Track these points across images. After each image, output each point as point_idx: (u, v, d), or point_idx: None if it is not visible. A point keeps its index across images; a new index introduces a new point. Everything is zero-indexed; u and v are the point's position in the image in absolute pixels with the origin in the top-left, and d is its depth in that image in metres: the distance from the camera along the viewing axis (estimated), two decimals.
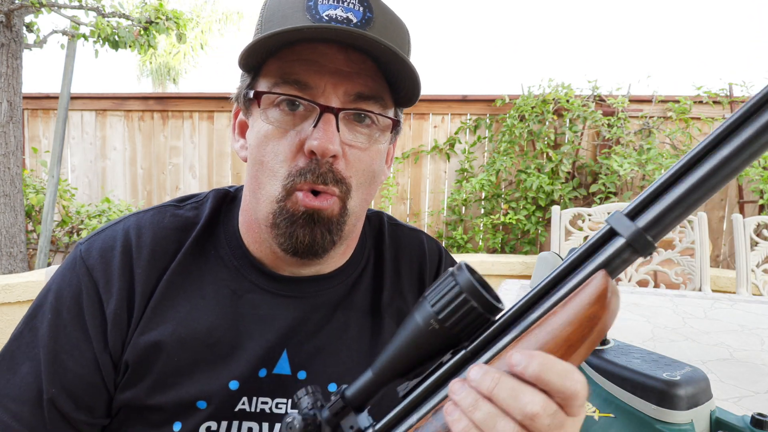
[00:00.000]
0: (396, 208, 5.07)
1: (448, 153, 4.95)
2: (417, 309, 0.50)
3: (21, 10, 3.75)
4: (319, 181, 0.67)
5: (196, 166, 5.40)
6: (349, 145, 0.69)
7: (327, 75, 0.66)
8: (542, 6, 59.35)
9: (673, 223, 0.43)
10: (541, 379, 0.42)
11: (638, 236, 0.43)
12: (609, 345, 0.82)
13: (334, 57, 0.67)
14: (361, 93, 0.68)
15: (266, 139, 0.69)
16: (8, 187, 3.85)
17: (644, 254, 0.44)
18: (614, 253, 0.44)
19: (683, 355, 1.36)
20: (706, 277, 2.61)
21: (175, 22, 4.16)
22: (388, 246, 0.88)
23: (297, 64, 0.67)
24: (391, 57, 0.65)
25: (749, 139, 0.39)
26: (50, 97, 5.42)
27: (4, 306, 2.87)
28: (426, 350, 0.50)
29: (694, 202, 0.42)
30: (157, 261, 0.74)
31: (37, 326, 0.72)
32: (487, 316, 0.48)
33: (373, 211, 0.92)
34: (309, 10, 0.66)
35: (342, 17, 0.65)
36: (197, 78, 31.24)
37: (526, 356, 0.43)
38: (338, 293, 0.80)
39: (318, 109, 0.67)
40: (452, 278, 0.49)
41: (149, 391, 0.70)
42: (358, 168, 0.71)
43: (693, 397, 0.69)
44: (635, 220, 0.44)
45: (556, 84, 4.67)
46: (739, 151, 0.40)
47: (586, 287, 0.45)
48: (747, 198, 4.32)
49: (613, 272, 0.45)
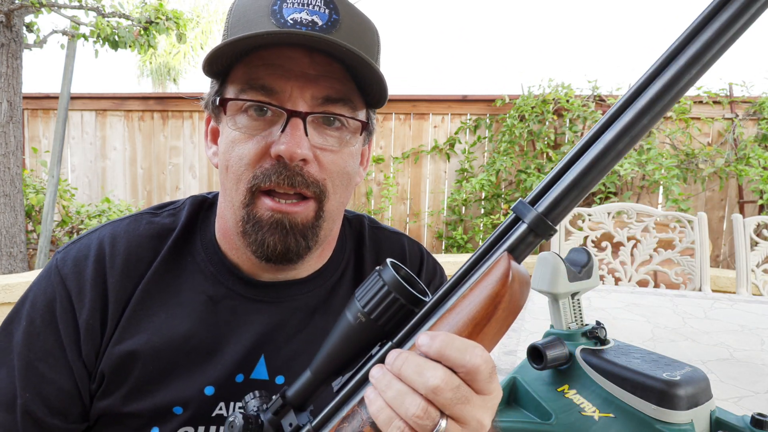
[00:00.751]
0: (396, 208, 5.07)
1: (448, 153, 4.95)
2: (348, 306, 0.53)
3: (21, 10, 3.75)
4: (286, 183, 0.66)
5: (196, 166, 5.40)
6: (320, 149, 0.69)
7: (293, 79, 0.66)
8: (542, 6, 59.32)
9: (570, 206, 0.47)
10: (443, 355, 0.45)
11: (539, 221, 0.47)
12: (609, 345, 0.82)
13: (299, 61, 0.66)
14: (329, 96, 0.68)
15: (233, 144, 0.69)
16: (8, 187, 3.85)
17: (545, 237, 0.47)
18: (518, 238, 0.48)
19: (683, 355, 1.36)
20: (706, 277, 2.61)
21: (175, 22, 4.16)
22: (368, 249, 0.87)
23: (262, 69, 0.66)
24: (356, 61, 0.65)
25: (628, 124, 0.44)
26: (50, 97, 5.43)
27: (4, 306, 2.87)
28: (356, 345, 0.52)
29: (586, 185, 0.46)
30: (131, 270, 0.73)
31: (12, 332, 0.72)
32: (411, 309, 0.50)
33: (355, 213, 0.92)
34: (274, 14, 0.65)
35: (307, 20, 0.65)
36: (197, 78, 31.27)
37: (429, 336, 0.46)
38: (316, 297, 0.80)
39: (285, 113, 0.66)
40: (378, 275, 0.52)
41: (125, 400, 0.70)
42: (332, 170, 0.70)
43: (693, 397, 0.69)
44: (536, 206, 0.47)
45: (556, 84, 4.67)
46: (621, 136, 0.44)
47: (491, 270, 0.48)
48: (747, 198, 4.32)
49: (519, 256, 0.48)
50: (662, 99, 0.43)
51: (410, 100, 4.98)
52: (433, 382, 0.44)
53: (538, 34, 58.43)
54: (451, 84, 61.40)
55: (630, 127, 0.44)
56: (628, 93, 0.45)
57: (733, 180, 4.32)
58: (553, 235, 0.48)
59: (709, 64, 0.42)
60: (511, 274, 0.47)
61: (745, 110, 4.30)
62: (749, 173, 3.92)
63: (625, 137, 0.44)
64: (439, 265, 0.96)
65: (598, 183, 0.46)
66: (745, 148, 4.11)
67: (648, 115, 0.44)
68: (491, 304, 0.47)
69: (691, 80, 0.42)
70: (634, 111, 0.44)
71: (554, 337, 0.81)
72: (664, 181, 4.01)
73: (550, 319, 0.86)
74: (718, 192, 4.40)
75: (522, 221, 0.48)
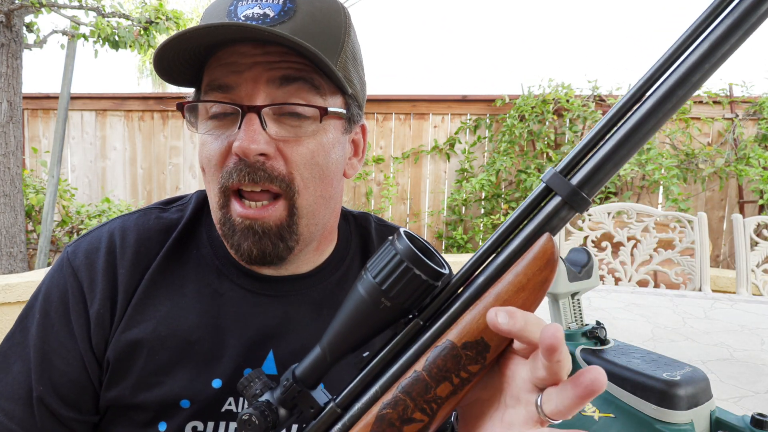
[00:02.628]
0: (396, 208, 5.07)
1: (448, 153, 4.95)
2: (359, 279, 0.50)
3: (21, 10, 3.75)
4: (248, 179, 0.65)
5: (196, 166, 5.40)
6: (283, 141, 0.66)
7: (246, 70, 0.65)
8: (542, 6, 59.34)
9: (605, 179, 0.45)
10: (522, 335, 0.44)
11: (574, 193, 0.45)
12: (609, 345, 0.82)
13: (250, 53, 0.65)
14: (287, 75, 0.65)
15: (203, 146, 0.69)
16: (8, 187, 3.85)
17: (580, 210, 0.45)
18: (552, 212, 0.46)
19: (683, 355, 1.36)
20: (706, 277, 2.61)
21: (175, 22, 4.16)
22: (375, 245, 0.87)
23: (219, 69, 0.66)
24: (302, 50, 0.62)
25: (669, 90, 0.42)
26: (50, 97, 5.43)
27: (4, 306, 2.87)
28: (375, 325, 0.50)
29: (623, 156, 0.44)
30: (140, 261, 0.74)
31: (27, 327, 0.73)
32: (432, 283, 0.48)
33: (361, 212, 0.92)
34: (229, 14, 0.65)
35: (258, 14, 0.64)
36: None
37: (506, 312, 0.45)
38: (323, 292, 0.80)
39: (240, 110, 0.65)
40: (392, 247, 0.49)
41: (133, 390, 0.71)
42: (298, 162, 0.67)
43: (693, 397, 0.69)
44: (569, 177, 0.45)
45: (556, 84, 4.67)
46: (662, 103, 0.42)
47: (533, 250, 0.46)
48: (747, 198, 4.32)
49: (553, 231, 0.47)
50: (709, 60, 0.41)
51: (410, 100, 4.98)
52: None
53: (538, 34, 58.45)
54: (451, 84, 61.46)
55: (672, 91, 0.42)
56: (665, 55, 0.43)
57: (733, 180, 4.31)
58: (588, 209, 0.46)
59: None
60: (557, 256, 0.46)
61: (745, 110, 4.30)
62: (749, 173, 3.92)
63: (666, 104, 0.42)
64: (447, 261, 0.95)
65: (634, 153, 0.44)
66: (745, 148, 4.11)
67: (695, 75, 0.41)
68: (541, 289, 0.46)
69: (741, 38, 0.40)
70: (679, 74, 0.42)
71: None
72: (664, 181, 4.01)
73: (550, 319, 0.86)
74: (718, 192, 4.40)
75: (555, 194, 0.46)
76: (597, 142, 0.45)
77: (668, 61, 0.43)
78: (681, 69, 0.42)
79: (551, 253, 0.46)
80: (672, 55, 0.43)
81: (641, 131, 0.43)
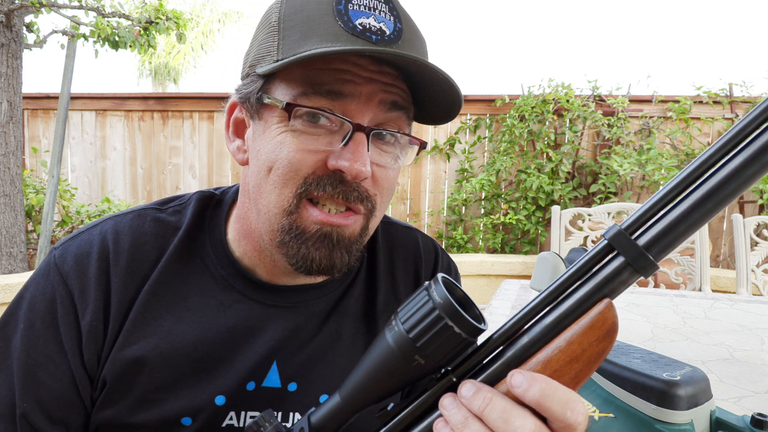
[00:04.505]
0: (396, 208, 5.07)
1: (448, 153, 4.95)
2: (388, 327, 0.46)
3: (21, 10, 3.75)
4: (341, 198, 0.63)
5: (196, 166, 5.40)
6: (376, 164, 0.65)
7: (363, 83, 0.61)
8: (542, 6, 59.37)
9: (677, 242, 0.40)
10: (541, 405, 0.40)
11: (640, 256, 0.40)
12: None
13: (367, 69, 0.61)
14: (396, 102, 0.64)
15: (281, 145, 0.63)
16: (8, 187, 3.85)
17: (646, 275, 0.41)
18: (613, 273, 0.41)
19: (683, 355, 1.36)
20: (706, 277, 2.61)
21: (175, 22, 4.16)
22: (381, 246, 0.84)
23: (327, 73, 0.61)
24: (427, 73, 0.61)
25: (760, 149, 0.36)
26: (50, 97, 5.42)
27: (3, 306, 2.87)
28: (403, 379, 0.46)
29: (701, 216, 0.39)
30: (135, 269, 0.69)
31: (9, 337, 0.67)
32: (468, 340, 0.44)
33: None
34: (340, 15, 0.60)
35: (376, 28, 0.61)
36: (197, 78, 31.28)
37: (528, 378, 0.41)
38: (330, 301, 0.77)
39: (349, 125, 0.61)
40: (428, 298, 0.44)
41: (131, 409, 0.67)
42: (383, 186, 0.67)
43: (693, 397, 0.69)
44: (635, 237, 0.41)
45: (556, 84, 4.67)
46: (753, 160, 0.37)
47: (590, 317, 0.42)
48: (747, 198, 4.32)
49: (613, 294, 0.42)
50: None
51: None
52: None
53: (538, 34, 58.46)
54: None
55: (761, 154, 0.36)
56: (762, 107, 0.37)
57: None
58: (653, 273, 0.41)
59: None
60: (617, 326, 0.41)
61: (745, 110, 4.30)
62: None
63: (758, 161, 0.37)
64: (453, 262, 0.91)
65: (716, 214, 0.39)
66: None
67: None
68: (596, 361, 0.41)
69: None
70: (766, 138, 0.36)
71: None
72: (664, 182, 4.01)
73: None
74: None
75: (618, 253, 0.41)
76: (671, 200, 0.40)
77: (761, 116, 0.37)
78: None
79: (612, 323, 0.41)
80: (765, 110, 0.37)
81: (725, 191, 0.38)
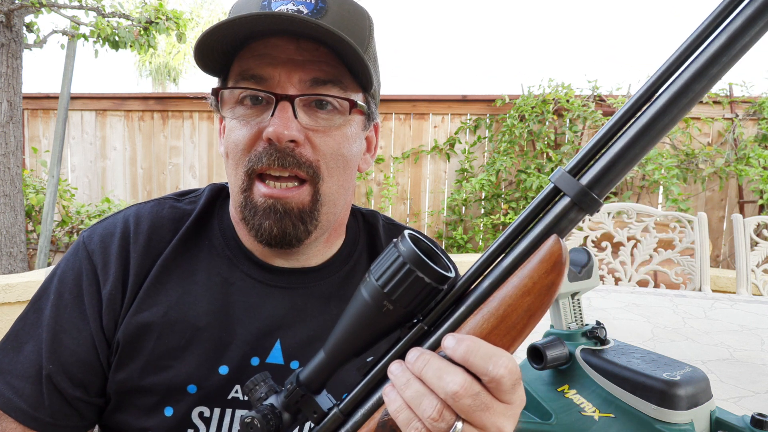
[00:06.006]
0: (396, 208, 5.07)
1: (448, 153, 4.95)
2: (362, 283, 0.50)
3: (21, 10, 3.75)
4: (277, 164, 0.68)
5: (196, 166, 5.40)
6: (312, 130, 0.70)
7: (280, 65, 0.68)
8: (542, 6, 59.31)
9: (617, 178, 0.43)
10: (467, 360, 0.44)
11: (584, 194, 0.43)
12: (609, 345, 0.82)
13: (285, 48, 0.68)
14: (317, 78, 0.69)
15: (230, 132, 0.72)
16: (8, 187, 3.85)
17: (590, 212, 0.43)
18: (561, 213, 0.44)
19: (683, 355, 1.36)
20: (706, 277, 2.61)
21: (175, 22, 4.16)
22: (383, 243, 0.89)
23: (252, 60, 0.69)
24: (339, 44, 0.66)
25: (685, 84, 0.40)
26: (50, 97, 5.42)
27: (4, 306, 2.87)
28: (378, 329, 0.49)
29: (636, 154, 0.42)
30: (152, 247, 0.77)
31: (41, 308, 0.76)
32: (437, 287, 0.47)
33: (369, 210, 0.94)
34: (263, 8, 0.69)
35: (292, 10, 0.67)
36: (197, 78, 31.24)
37: (455, 339, 0.45)
38: (331, 285, 0.82)
39: (274, 98, 0.68)
40: (395, 249, 0.47)
41: (142, 372, 0.73)
42: (325, 151, 0.71)
43: (693, 397, 0.69)
44: (579, 177, 0.43)
45: (556, 84, 4.67)
46: (677, 98, 0.40)
47: (539, 253, 0.44)
48: (747, 198, 4.32)
49: (562, 233, 0.45)
50: (727, 52, 0.39)
51: (410, 100, 4.98)
52: (451, 388, 0.44)
53: (538, 34, 58.42)
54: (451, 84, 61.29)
55: (689, 86, 0.40)
56: (680, 48, 0.41)
57: (733, 180, 4.31)
58: (598, 210, 0.43)
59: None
60: (564, 258, 0.44)
61: (745, 110, 4.30)
62: (749, 173, 3.92)
63: (682, 99, 0.40)
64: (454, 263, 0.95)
65: (648, 151, 0.42)
66: (745, 148, 4.11)
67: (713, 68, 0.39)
68: (548, 293, 0.44)
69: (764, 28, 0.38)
70: (696, 68, 0.40)
71: (554, 337, 0.81)
72: (664, 181, 4.01)
73: (549, 319, 0.86)
74: (718, 192, 4.40)
75: (564, 194, 0.44)
76: (608, 140, 0.43)
77: (683, 55, 0.41)
78: (698, 62, 0.40)
79: (559, 256, 0.44)
80: (687, 48, 0.41)
81: (655, 128, 0.41)
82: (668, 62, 0.41)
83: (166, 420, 0.73)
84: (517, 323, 0.45)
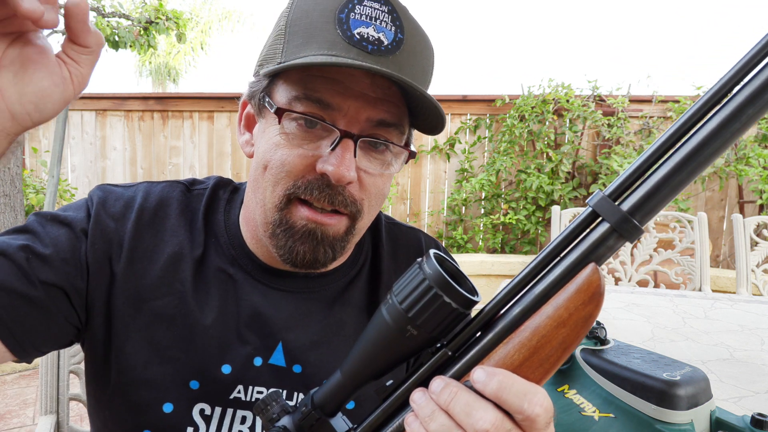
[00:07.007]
0: (396, 208, 5.07)
1: (448, 153, 4.95)
2: (384, 303, 0.47)
3: None
4: (326, 201, 0.67)
5: (196, 166, 5.40)
6: (364, 171, 0.69)
7: (351, 98, 0.65)
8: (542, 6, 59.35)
9: (660, 205, 0.40)
10: (499, 397, 0.42)
11: (624, 221, 0.40)
12: (609, 345, 0.82)
13: (360, 80, 0.65)
14: (384, 120, 0.67)
15: (277, 147, 0.68)
16: (8, 187, 3.85)
17: (631, 239, 0.41)
18: (599, 239, 0.42)
19: (683, 355, 1.36)
20: (706, 277, 2.61)
21: (175, 22, 4.16)
22: (385, 245, 0.88)
23: (321, 81, 0.65)
24: (411, 89, 0.64)
25: (738, 108, 0.37)
26: None
27: None
28: (399, 353, 0.47)
29: (681, 180, 0.40)
30: (157, 224, 0.76)
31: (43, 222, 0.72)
32: (463, 312, 0.45)
33: None
34: (340, 23, 0.63)
35: (374, 38, 0.63)
36: (197, 78, 31.22)
37: (486, 373, 0.43)
38: (335, 290, 0.81)
39: (337, 132, 0.65)
40: (420, 271, 0.45)
41: (146, 364, 0.72)
42: (371, 191, 0.71)
43: (693, 397, 0.69)
44: (619, 202, 0.41)
45: (556, 84, 4.67)
46: (728, 122, 0.38)
47: (576, 282, 0.42)
48: (747, 198, 4.32)
49: (599, 260, 0.43)
50: None
51: None
52: (482, 426, 0.41)
53: (538, 34, 58.44)
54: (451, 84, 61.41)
55: (741, 110, 0.37)
56: (734, 69, 0.38)
57: (733, 180, 4.31)
58: (639, 238, 0.41)
59: None
60: (602, 290, 0.42)
61: None
62: (749, 173, 3.92)
63: (734, 123, 0.37)
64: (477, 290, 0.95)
65: (695, 178, 0.40)
66: (745, 147, 4.11)
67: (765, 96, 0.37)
68: (584, 326, 0.42)
69: None
70: (750, 90, 0.37)
71: None
72: None
73: None
74: (718, 192, 4.40)
75: (603, 220, 0.41)
76: (652, 164, 0.41)
77: (737, 76, 0.38)
78: (753, 84, 0.37)
79: (597, 287, 0.42)
80: (741, 69, 0.38)
81: (704, 153, 0.38)
82: (720, 83, 0.39)
83: (165, 417, 0.72)
84: (551, 356, 0.43)
